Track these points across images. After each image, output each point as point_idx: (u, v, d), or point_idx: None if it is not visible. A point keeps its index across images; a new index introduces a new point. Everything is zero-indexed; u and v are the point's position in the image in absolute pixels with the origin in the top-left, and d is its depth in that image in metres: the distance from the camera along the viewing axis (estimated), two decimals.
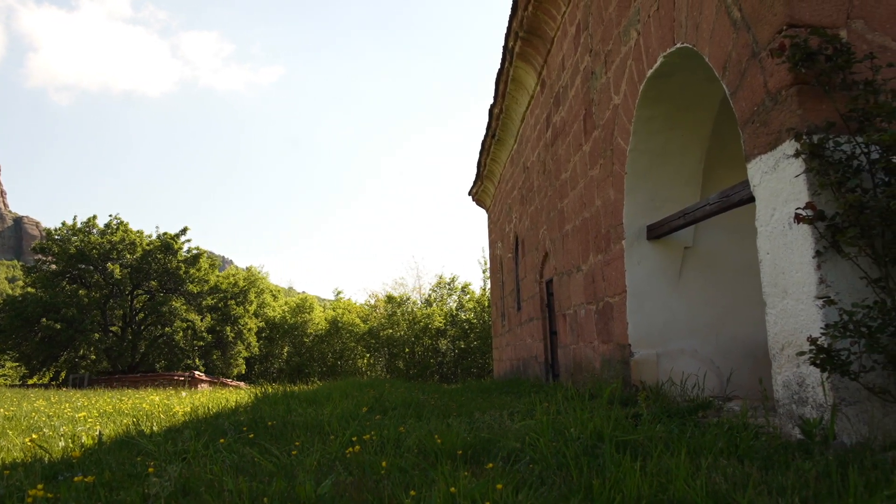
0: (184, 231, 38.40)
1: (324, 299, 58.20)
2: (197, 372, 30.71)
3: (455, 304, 39.74)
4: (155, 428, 6.90)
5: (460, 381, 28.46)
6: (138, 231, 37.97)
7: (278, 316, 44.16)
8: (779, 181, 4.52)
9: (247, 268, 46.49)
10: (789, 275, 4.43)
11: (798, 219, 4.12)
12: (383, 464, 4.22)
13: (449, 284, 41.05)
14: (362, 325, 41.21)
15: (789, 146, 4.34)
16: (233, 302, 39.35)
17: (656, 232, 7.58)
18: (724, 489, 3.10)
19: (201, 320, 37.12)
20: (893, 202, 3.67)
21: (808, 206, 4.10)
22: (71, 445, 5.92)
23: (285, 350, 43.28)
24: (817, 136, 4.17)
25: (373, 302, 42.92)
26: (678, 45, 6.20)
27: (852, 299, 3.99)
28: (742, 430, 4.49)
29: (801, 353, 4.08)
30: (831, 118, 4.21)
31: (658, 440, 4.32)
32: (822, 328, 4.00)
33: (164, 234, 38.18)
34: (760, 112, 4.73)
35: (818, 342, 3.91)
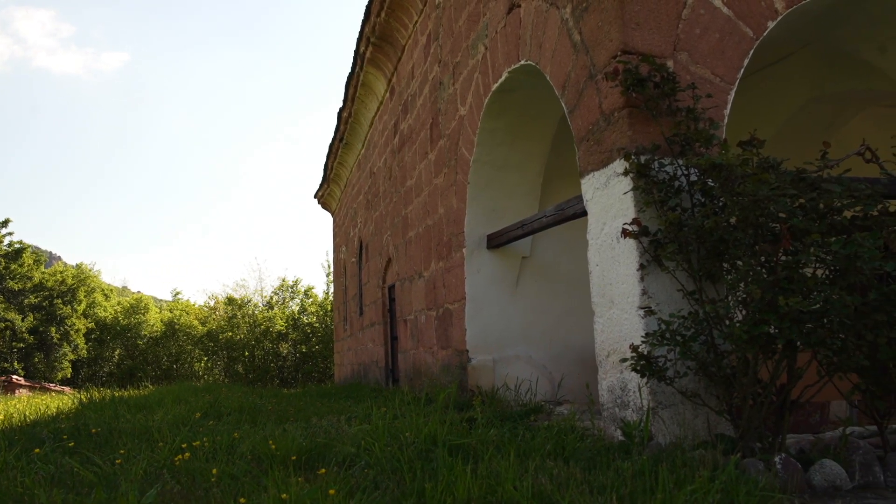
0: (5, 223, 35.40)
1: (160, 300, 55.51)
2: (15, 376, 28.41)
3: (298, 308, 39.04)
4: None
5: (301, 385, 28.02)
6: None
7: (110, 317, 41.69)
8: (609, 197, 4.79)
9: (77, 265, 43.51)
10: (616, 286, 4.69)
11: (625, 233, 4.39)
12: (214, 471, 4.09)
13: (292, 287, 40.29)
14: (200, 327, 39.67)
15: (619, 165, 4.60)
16: (59, 301, 36.76)
17: (496, 241, 7.81)
18: (549, 489, 3.24)
19: (22, 320, 34.37)
20: (707, 221, 3.98)
21: (634, 221, 4.37)
22: None
23: (117, 353, 40.89)
24: (644, 156, 4.45)
25: (212, 304, 41.38)
26: (522, 62, 6.43)
27: (670, 310, 4.28)
28: (569, 433, 4.70)
29: (624, 360, 4.34)
30: (657, 141, 4.51)
31: (490, 443, 4.44)
32: (642, 336, 4.27)
33: None
34: (595, 131, 5.00)
35: (639, 349, 4.17)
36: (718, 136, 4.55)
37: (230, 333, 36.86)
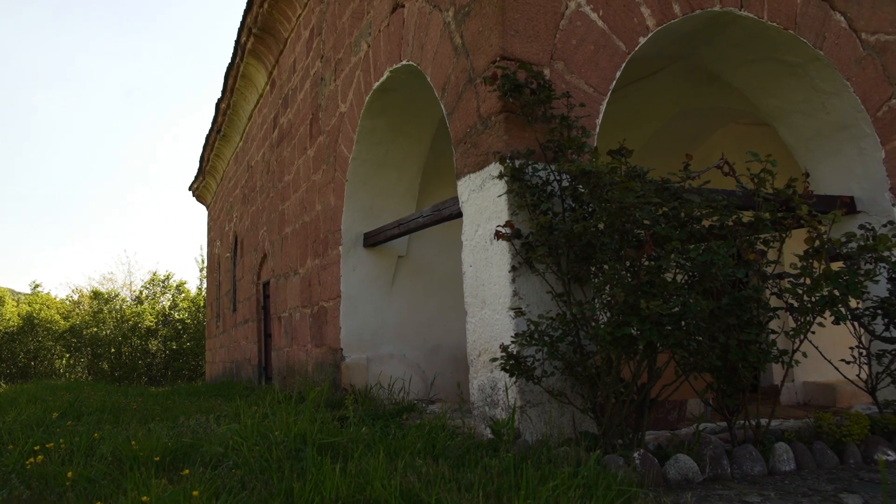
0: None
1: (18, 292, 52.15)
2: None
3: (169, 303, 37.70)
4: None
5: (170, 383, 27.09)
6: None
7: None
8: (484, 199, 4.87)
9: None
10: (488, 287, 4.78)
11: (498, 235, 4.47)
12: (69, 474, 3.88)
13: (163, 282, 38.87)
14: (63, 322, 37.57)
15: (495, 168, 4.69)
16: None
17: (373, 240, 7.80)
18: (417, 487, 3.26)
19: None
20: (577, 226, 4.12)
21: (507, 224, 4.46)
22: None
23: None
24: (519, 161, 4.55)
25: (76, 297, 39.34)
26: (404, 62, 6.45)
27: (540, 311, 4.40)
28: (440, 431, 4.74)
29: (494, 360, 4.42)
30: (532, 146, 4.63)
31: (361, 442, 4.43)
32: (512, 337, 4.37)
33: None
34: (472, 134, 5.07)
35: (508, 349, 4.26)
36: (590, 144, 4.71)
37: (95, 329, 35.15)
